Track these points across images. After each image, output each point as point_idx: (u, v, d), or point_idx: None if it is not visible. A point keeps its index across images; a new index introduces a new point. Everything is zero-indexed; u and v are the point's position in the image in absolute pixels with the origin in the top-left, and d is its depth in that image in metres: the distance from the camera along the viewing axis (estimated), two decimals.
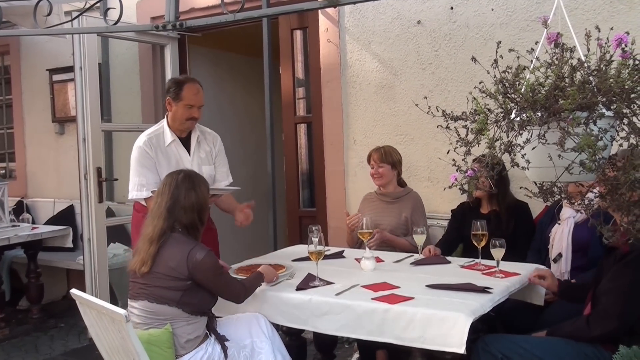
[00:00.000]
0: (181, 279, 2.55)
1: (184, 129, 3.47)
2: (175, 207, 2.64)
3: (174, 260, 2.56)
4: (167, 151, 3.41)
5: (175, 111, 3.39)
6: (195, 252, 2.55)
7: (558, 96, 1.76)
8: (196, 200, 2.66)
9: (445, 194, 4.14)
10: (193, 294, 2.58)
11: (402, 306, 2.47)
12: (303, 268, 3.10)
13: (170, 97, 3.38)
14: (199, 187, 2.69)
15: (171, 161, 3.41)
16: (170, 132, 3.43)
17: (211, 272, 2.58)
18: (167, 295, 2.56)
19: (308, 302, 2.67)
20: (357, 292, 2.70)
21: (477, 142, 1.88)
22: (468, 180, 1.94)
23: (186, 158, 3.46)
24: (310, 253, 2.88)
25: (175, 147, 3.44)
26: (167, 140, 3.42)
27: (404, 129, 4.44)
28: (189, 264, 2.54)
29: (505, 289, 2.70)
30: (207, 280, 2.58)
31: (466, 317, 2.30)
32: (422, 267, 3.14)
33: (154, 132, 3.44)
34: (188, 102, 3.37)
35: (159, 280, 2.57)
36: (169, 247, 2.59)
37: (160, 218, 2.64)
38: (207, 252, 2.58)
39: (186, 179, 2.69)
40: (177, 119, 3.40)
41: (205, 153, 3.54)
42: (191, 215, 2.65)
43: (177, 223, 2.64)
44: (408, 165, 4.41)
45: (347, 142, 4.70)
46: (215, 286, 2.63)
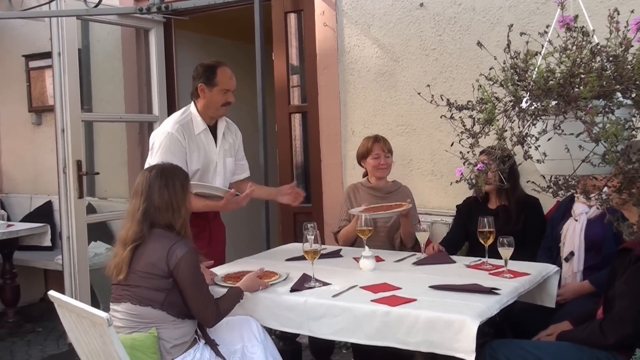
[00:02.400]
0: (162, 277, 2.54)
1: (218, 116, 3.50)
2: (149, 208, 2.62)
3: (154, 256, 2.55)
4: (196, 140, 3.43)
5: (210, 97, 3.41)
6: (176, 248, 2.54)
7: (574, 83, 1.75)
8: (169, 199, 2.63)
9: (450, 188, 4.14)
10: (178, 294, 2.57)
11: (404, 308, 2.46)
12: (298, 268, 3.09)
13: (203, 83, 3.40)
14: (173, 183, 2.66)
15: (200, 151, 3.43)
16: (201, 120, 3.44)
17: (189, 273, 2.55)
18: (150, 296, 2.55)
19: (303, 304, 2.66)
20: (355, 294, 2.70)
21: (485, 134, 1.86)
22: (477, 174, 1.93)
23: (213, 149, 3.49)
24: (306, 252, 2.88)
25: (205, 136, 3.46)
26: (197, 129, 3.44)
27: (405, 119, 4.44)
28: (170, 259, 2.53)
29: (513, 290, 2.69)
30: (183, 281, 2.55)
31: (472, 320, 2.29)
32: (425, 267, 3.14)
33: (182, 119, 3.43)
34: (224, 86, 3.41)
35: (140, 280, 2.56)
36: (152, 243, 2.59)
37: (134, 221, 2.63)
38: (189, 249, 2.56)
39: (159, 176, 2.66)
40: (212, 105, 3.43)
41: (229, 145, 3.59)
42: (166, 216, 2.63)
43: (156, 223, 2.63)
44: (410, 158, 4.41)
45: (345, 133, 4.69)
46: (188, 293, 2.57)
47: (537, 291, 2.99)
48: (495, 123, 1.83)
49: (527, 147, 1.83)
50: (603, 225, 3.09)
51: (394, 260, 3.31)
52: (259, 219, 4.95)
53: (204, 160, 3.43)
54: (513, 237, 2.88)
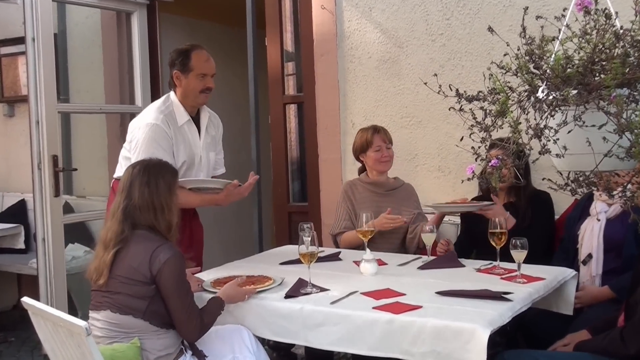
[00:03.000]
0: (145, 283, 2.54)
1: (197, 105, 3.49)
2: (129, 207, 2.62)
3: (136, 260, 2.55)
4: (180, 131, 3.42)
5: (187, 85, 3.40)
6: (160, 252, 2.54)
7: (595, 71, 1.74)
8: (150, 198, 2.62)
9: (459, 186, 4.14)
10: (161, 302, 2.57)
11: (409, 316, 2.46)
12: (293, 272, 3.09)
13: (178, 69, 3.40)
14: (156, 181, 2.65)
15: (185, 143, 3.43)
16: (184, 110, 3.44)
17: (173, 280, 2.54)
18: (131, 304, 2.55)
19: (299, 311, 2.66)
20: (356, 300, 2.70)
21: (499, 126, 1.85)
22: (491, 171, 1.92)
23: (197, 141, 3.48)
24: (301, 255, 2.87)
25: (189, 127, 3.46)
26: (180, 119, 3.43)
27: (410, 110, 4.43)
28: (152, 264, 2.53)
29: (527, 296, 2.69)
30: (166, 288, 2.55)
31: (483, 329, 2.29)
32: (431, 272, 3.13)
33: (165, 109, 3.42)
34: (200, 70, 3.40)
35: (121, 286, 2.56)
36: (134, 245, 2.59)
37: (115, 220, 2.63)
38: (174, 253, 2.56)
39: (141, 172, 2.66)
40: (190, 93, 3.42)
41: (211, 138, 3.58)
42: (147, 216, 2.62)
43: (138, 224, 2.63)
44: (415, 152, 4.40)
45: (345, 126, 4.69)
46: (171, 302, 2.56)
47: (553, 297, 2.99)
48: (508, 115, 1.82)
49: (546, 141, 1.82)
50: (623, 225, 3.09)
51: (397, 264, 3.31)
52: (250, 219, 4.96)
53: (189, 153, 3.43)
54: (521, 236, 2.88)
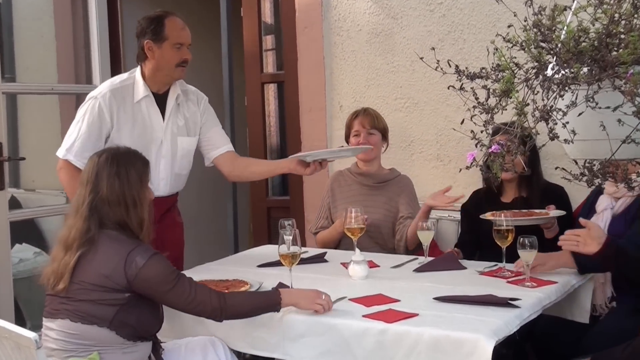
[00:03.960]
0: (117, 290, 2.52)
1: (172, 80, 3.46)
2: (95, 200, 2.59)
3: (107, 266, 2.53)
4: (133, 110, 3.40)
5: (161, 56, 3.37)
6: (135, 255, 2.52)
7: (612, 45, 1.74)
8: (122, 190, 2.61)
9: (460, 177, 4.14)
10: (132, 311, 2.55)
11: (403, 325, 2.46)
12: (272, 276, 3.09)
13: (150, 39, 3.36)
14: (127, 171, 2.63)
15: (136, 125, 3.40)
16: (144, 85, 3.41)
17: (156, 283, 2.54)
18: (96, 312, 2.52)
19: (279, 321, 2.65)
20: (343, 308, 2.70)
21: (503, 108, 1.85)
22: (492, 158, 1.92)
23: (158, 122, 3.45)
24: (282, 256, 2.87)
25: (147, 106, 3.43)
26: (137, 95, 3.40)
27: (405, 90, 4.43)
28: (128, 270, 2.51)
29: (537, 303, 2.70)
30: (151, 292, 2.55)
31: (487, 339, 2.29)
32: (428, 274, 3.14)
33: (121, 83, 3.41)
34: (176, 40, 3.36)
35: (85, 292, 2.53)
36: (102, 249, 2.56)
37: (78, 216, 2.60)
38: (151, 255, 2.54)
39: (109, 161, 2.63)
40: (165, 66, 3.39)
41: (184, 120, 3.53)
42: (118, 212, 2.60)
43: (106, 221, 2.61)
44: (410, 139, 4.40)
45: (331, 109, 4.68)
46: (166, 300, 2.58)
47: (567, 303, 3.01)
48: (514, 95, 1.82)
49: (553, 124, 1.82)
50: (626, 221, 3.15)
51: (391, 266, 3.31)
52: (224, 216, 4.94)
53: (142, 137, 3.39)
54: (536, 236, 2.88)
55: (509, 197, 3.67)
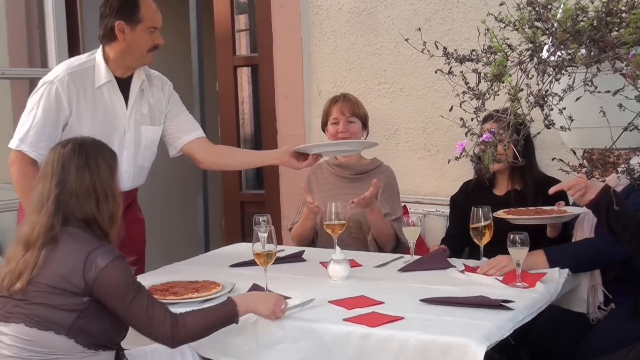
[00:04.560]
0: (76, 294, 2.49)
1: (140, 65, 3.45)
2: (62, 194, 2.57)
3: (66, 266, 2.50)
4: (94, 96, 3.37)
5: (132, 40, 3.34)
6: (96, 256, 2.50)
7: (612, 24, 1.74)
8: (92, 183, 2.59)
9: (449, 168, 4.15)
10: (92, 317, 2.53)
11: (388, 329, 2.46)
12: (246, 276, 3.09)
13: (123, 20, 3.32)
14: (96, 161, 2.61)
15: (97, 113, 3.37)
16: (106, 69, 3.38)
17: (116, 289, 2.51)
18: (53, 317, 2.50)
19: (252, 326, 2.65)
20: (323, 311, 2.70)
21: (494, 93, 1.85)
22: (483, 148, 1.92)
23: (121, 110, 3.43)
24: (256, 255, 2.87)
25: (109, 91, 3.40)
26: (99, 80, 3.38)
27: (390, 74, 4.43)
28: (87, 272, 2.48)
29: (532, 304, 2.71)
30: (110, 299, 2.52)
31: (478, 344, 2.29)
32: (414, 274, 3.14)
33: (79, 66, 3.38)
34: (151, 23, 3.35)
35: (43, 296, 2.50)
36: (62, 247, 2.54)
37: (42, 212, 2.57)
38: (114, 257, 2.52)
39: (76, 152, 2.61)
40: (136, 50, 3.37)
41: (148, 107, 3.52)
42: (87, 206, 2.58)
43: (71, 218, 2.59)
44: (395, 127, 4.41)
45: (310, 94, 4.69)
46: (123, 312, 2.54)
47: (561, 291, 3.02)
48: (507, 79, 1.82)
49: (549, 111, 1.82)
50: None
51: (374, 266, 3.31)
52: (193, 211, 4.92)
53: (104, 125, 3.36)
54: (529, 232, 2.90)
55: (502, 189, 3.68)
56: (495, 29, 2.00)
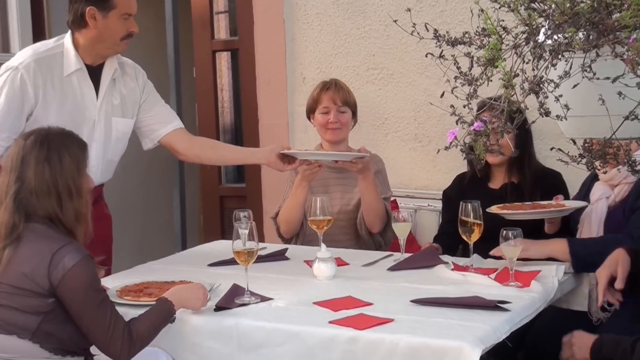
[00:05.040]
0: (40, 295, 2.49)
1: (112, 54, 3.44)
2: (21, 191, 2.56)
3: (29, 264, 2.50)
4: (62, 85, 3.36)
5: (105, 27, 3.31)
6: (63, 255, 2.49)
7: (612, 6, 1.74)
8: (53, 179, 2.57)
9: (440, 159, 4.17)
10: (59, 320, 2.53)
11: (377, 332, 2.46)
12: (225, 276, 3.09)
13: (94, 6, 3.30)
14: (59, 156, 2.59)
15: (66, 103, 3.36)
16: (75, 56, 3.37)
17: (83, 292, 2.50)
18: (17, 320, 2.50)
19: (232, 329, 2.65)
20: (308, 313, 2.70)
21: (488, 79, 1.84)
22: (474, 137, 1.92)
23: (91, 100, 3.42)
24: (237, 253, 2.86)
25: (78, 80, 3.39)
26: (68, 68, 3.37)
27: (379, 59, 4.44)
28: (53, 271, 2.47)
29: (530, 305, 2.71)
30: (74, 303, 2.51)
31: (472, 347, 2.30)
32: (405, 273, 3.15)
33: (47, 52, 3.36)
34: (125, 10, 3.33)
35: (5, 297, 2.50)
36: (25, 244, 2.53)
37: (2, 209, 2.57)
38: (82, 257, 2.51)
39: (38, 145, 2.60)
40: (108, 38, 3.35)
41: (120, 98, 3.51)
42: (48, 204, 2.57)
43: (33, 214, 2.58)
44: (384, 116, 4.42)
45: (293, 81, 4.69)
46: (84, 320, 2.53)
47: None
48: (501, 64, 1.81)
49: (544, 98, 1.81)
50: (624, 213, 3.17)
51: (362, 264, 3.31)
52: (169, 206, 4.91)
53: (73, 117, 3.34)
54: (526, 228, 2.91)
55: (497, 182, 3.69)
56: (490, 10, 2.00)
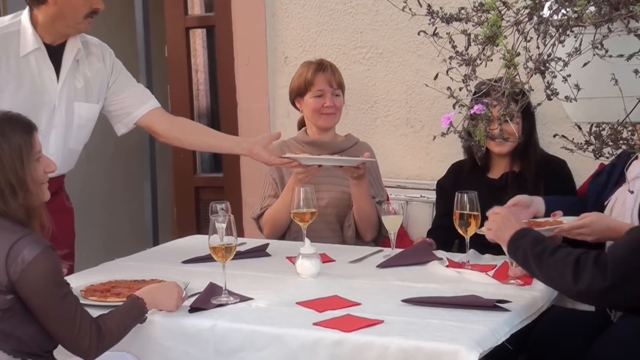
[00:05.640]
0: None
1: (75, 33, 3.43)
2: None
3: None
4: (18, 66, 3.36)
5: (67, 4, 3.31)
6: (22, 246, 2.49)
7: None
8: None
9: (435, 147, 4.18)
10: (19, 319, 2.53)
11: (365, 335, 2.46)
12: (201, 274, 3.10)
13: None
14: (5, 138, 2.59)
15: (22, 85, 3.37)
16: (33, 35, 3.36)
17: (45, 286, 2.50)
18: None
19: (209, 331, 2.65)
20: (290, 314, 2.71)
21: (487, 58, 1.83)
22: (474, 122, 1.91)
23: (50, 83, 3.42)
24: (213, 249, 2.87)
25: (37, 60, 3.39)
26: (25, 47, 3.37)
27: (367, 37, 4.44)
28: (11, 265, 2.48)
29: (532, 304, 2.72)
30: (36, 298, 2.51)
31: (469, 351, 2.30)
32: (395, 270, 3.16)
33: (1, 30, 3.37)
34: None
35: None
36: None
37: None
38: (43, 249, 2.52)
39: None
40: (70, 16, 3.34)
41: (84, 80, 3.51)
42: None
43: None
44: (374, 99, 4.42)
45: (274, 61, 4.70)
46: (48, 314, 2.54)
47: None
48: (501, 41, 1.80)
49: (551, 78, 1.80)
50: None
51: (349, 261, 3.33)
52: (140, 197, 4.89)
53: (29, 100, 3.35)
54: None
55: (497, 172, 3.69)
56: None
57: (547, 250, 2.65)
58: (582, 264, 2.56)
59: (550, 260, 2.63)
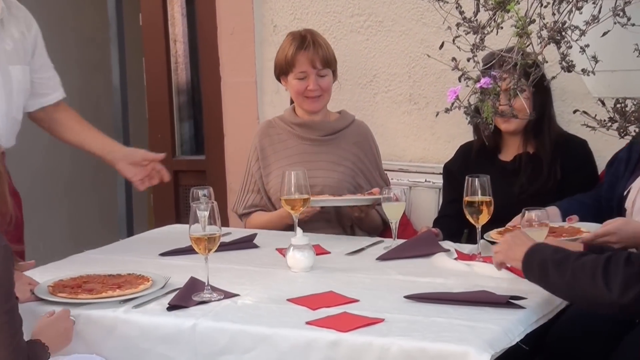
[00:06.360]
0: None
1: None
2: None
3: None
4: None
5: None
6: None
7: None
8: None
9: (440, 125, 4.19)
10: None
11: (363, 335, 2.47)
12: (181, 268, 3.11)
13: None
14: None
15: None
16: None
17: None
18: None
19: (190, 331, 2.66)
20: (280, 312, 2.71)
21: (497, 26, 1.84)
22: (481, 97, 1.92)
23: None
24: (195, 240, 2.87)
25: None
26: None
27: (365, 3, 4.45)
28: None
29: (549, 301, 2.72)
30: None
31: (479, 352, 2.30)
32: (397, 263, 3.17)
33: None
34: None
35: None
36: None
37: None
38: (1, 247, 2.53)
39: None
40: None
41: (13, 42, 3.52)
42: None
43: None
44: (373, 72, 4.43)
45: (262, 30, 4.70)
46: None
47: None
48: (513, 7, 1.80)
49: (566, 49, 1.80)
50: None
51: (346, 253, 3.34)
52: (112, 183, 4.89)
53: None
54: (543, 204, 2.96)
55: (510, 154, 3.70)
56: None
57: (572, 256, 2.60)
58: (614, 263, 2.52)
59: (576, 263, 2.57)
